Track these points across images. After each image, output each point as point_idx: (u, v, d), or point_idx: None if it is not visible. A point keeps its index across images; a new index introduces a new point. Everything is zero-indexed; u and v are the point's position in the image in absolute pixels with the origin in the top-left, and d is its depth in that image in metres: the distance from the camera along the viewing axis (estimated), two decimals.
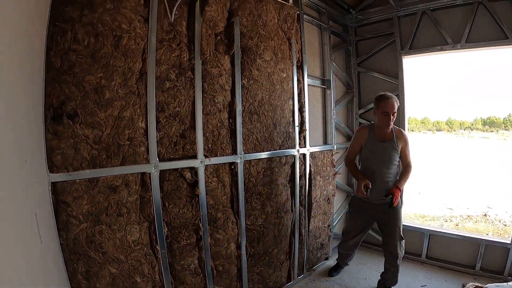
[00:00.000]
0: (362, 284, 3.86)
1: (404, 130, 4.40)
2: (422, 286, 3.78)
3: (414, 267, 4.21)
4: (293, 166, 3.57)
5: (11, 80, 1.30)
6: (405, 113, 4.43)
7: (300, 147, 3.62)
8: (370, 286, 3.81)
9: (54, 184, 1.90)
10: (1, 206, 1.13)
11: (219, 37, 2.81)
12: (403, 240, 3.40)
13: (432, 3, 4.07)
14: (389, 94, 3.23)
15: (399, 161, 3.38)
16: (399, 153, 3.32)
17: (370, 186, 3.17)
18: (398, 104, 3.22)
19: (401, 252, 3.38)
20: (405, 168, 3.36)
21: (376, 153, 3.35)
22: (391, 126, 3.24)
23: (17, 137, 1.39)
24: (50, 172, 1.87)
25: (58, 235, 1.93)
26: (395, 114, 3.19)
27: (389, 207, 3.19)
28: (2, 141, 1.20)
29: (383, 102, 3.18)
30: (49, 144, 1.87)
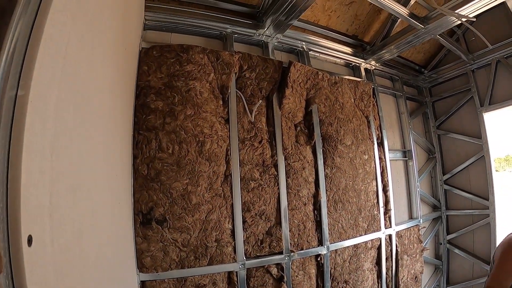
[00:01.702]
0: None
1: (493, 200, 4.05)
2: None
3: None
4: (379, 248, 3.37)
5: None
6: (493, 179, 4.05)
7: (385, 228, 3.43)
8: None
9: (143, 283, 2.00)
10: None
11: (298, 128, 2.85)
12: None
13: (504, 51, 3.80)
14: None
15: None
16: None
17: None
18: None
19: None
20: None
21: None
22: None
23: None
24: (140, 272, 1.96)
25: None
26: None
27: None
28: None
29: None
30: (139, 247, 1.97)
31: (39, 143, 0.70)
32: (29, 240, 0.64)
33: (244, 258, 2.39)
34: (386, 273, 3.46)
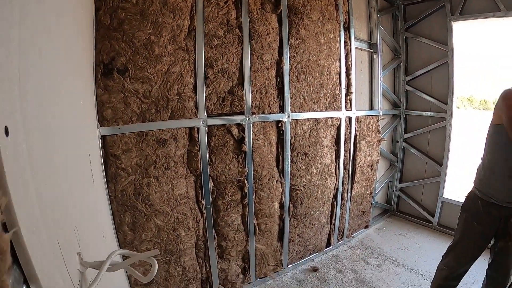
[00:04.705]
0: (401, 255, 3.86)
1: (452, 104, 4.26)
2: None
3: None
4: (338, 128, 3.55)
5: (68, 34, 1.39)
6: (453, 85, 4.24)
7: (346, 110, 3.58)
8: (408, 256, 3.80)
9: (104, 138, 2.05)
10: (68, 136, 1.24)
11: None
12: None
13: None
14: None
15: None
16: None
17: None
18: None
19: None
20: None
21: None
22: None
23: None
24: (100, 126, 2.01)
25: (107, 187, 2.08)
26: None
27: None
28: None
29: None
30: (99, 99, 2.00)
31: None
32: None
33: (206, 114, 2.48)
34: (344, 155, 3.70)
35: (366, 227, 4.49)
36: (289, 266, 3.45)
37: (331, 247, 3.87)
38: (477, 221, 2.34)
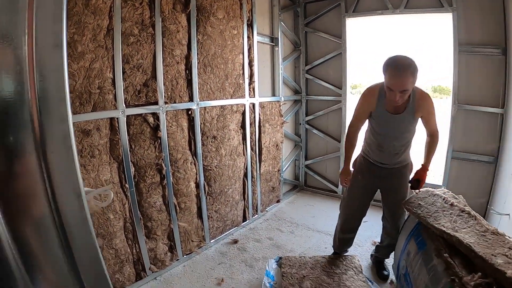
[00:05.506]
0: (311, 221, 4.46)
1: (346, 89, 5.01)
2: (364, 222, 4.37)
3: None
4: (243, 114, 4.05)
5: None
6: (347, 73, 5.02)
7: (250, 97, 4.09)
8: (317, 221, 4.46)
9: None
10: None
11: None
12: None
13: None
14: (405, 61, 2.33)
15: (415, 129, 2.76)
16: (416, 124, 2.69)
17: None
18: (415, 78, 2.35)
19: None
20: (431, 140, 2.77)
21: (385, 127, 2.72)
22: (399, 103, 2.47)
23: None
24: None
25: None
26: (407, 92, 2.38)
27: (413, 188, 2.83)
28: None
29: (389, 73, 2.38)
30: None
31: None
32: None
33: (124, 106, 2.76)
34: (250, 137, 4.21)
35: (278, 201, 5.07)
36: (212, 241, 3.80)
37: (248, 221, 4.34)
38: (361, 174, 2.94)
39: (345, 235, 3.22)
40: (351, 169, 3.02)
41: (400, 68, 2.29)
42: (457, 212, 2.35)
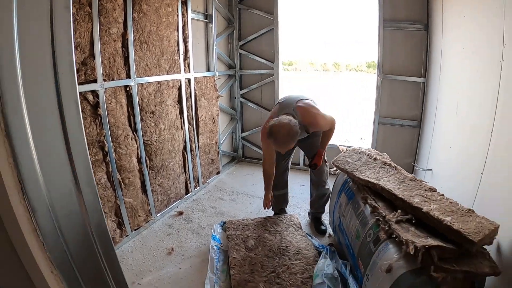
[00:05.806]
0: (251, 189, 4.85)
1: (278, 63, 5.35)
2: (301, 186, 4.89)
3: (295, 173, 5.26)
4: (180, 89, 4.22)
5: None
6: (279, 47, 5.36)
7: (185, 73, 4.27)
8: (257, 188, 4.78)
9: None
10: None
11: None
12: (327, 163, 3.57)
13: None
14: (284, 131, 2.73)
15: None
16: (317, 132, 3.31)
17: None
18: (296, 139, 2.84)
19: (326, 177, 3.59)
20: (326, 133, 3.29)
21: (290, 154, 3.54)
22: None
23: None
24: None
25: None
26: (293, 148, 3.20)
27: (313, 168, 3.43)
28: None
29: (273, 142, 2.83)
30: None
31: None
32: None
33: None
34: (187, 111, 4.40)
35: (218, 173, 5.34)
36: (158, 215, 3.95)
37: (190, 193, 4.57)
38: None
39: (279, 192, 3.68)
40: None
41: (280, 141, 2.73)
42: (380, 165, 2.86)
